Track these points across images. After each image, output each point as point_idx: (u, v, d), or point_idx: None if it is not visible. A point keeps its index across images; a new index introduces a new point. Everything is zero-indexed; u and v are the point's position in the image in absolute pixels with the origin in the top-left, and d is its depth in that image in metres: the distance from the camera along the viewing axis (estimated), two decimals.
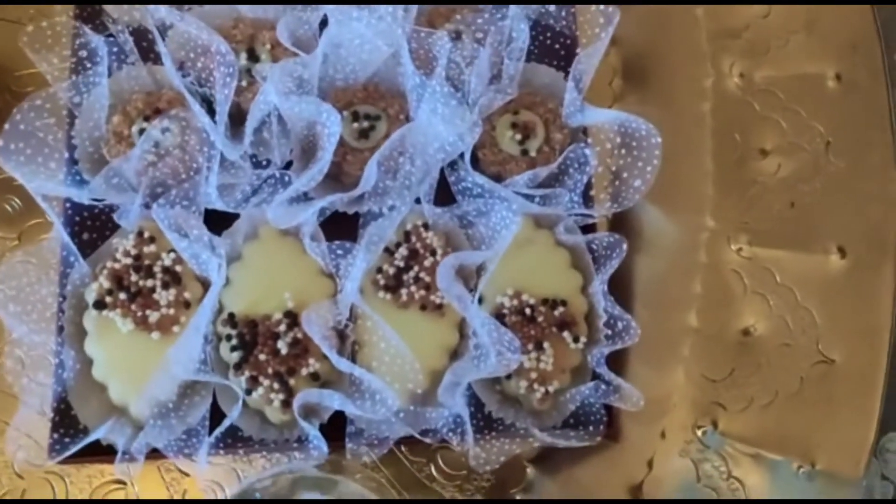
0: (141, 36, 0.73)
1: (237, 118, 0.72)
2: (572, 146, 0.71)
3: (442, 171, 0.71)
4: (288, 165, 0.72)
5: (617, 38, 0.78)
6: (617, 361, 0.70)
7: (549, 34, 0.76)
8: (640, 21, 0.81)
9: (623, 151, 0.71)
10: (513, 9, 0.71)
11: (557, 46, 0.76)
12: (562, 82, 0.75)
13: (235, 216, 0.70)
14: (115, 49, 0.71)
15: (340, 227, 0.71)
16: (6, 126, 0.65)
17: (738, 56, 0.81)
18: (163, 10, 0.70)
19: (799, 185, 0.78)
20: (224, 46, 0.68)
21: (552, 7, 0.75)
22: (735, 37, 0.81)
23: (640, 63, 0.81)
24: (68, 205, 0.70)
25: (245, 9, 0.72)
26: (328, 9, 0.71)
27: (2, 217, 0.74)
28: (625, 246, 0.68)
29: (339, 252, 0.68)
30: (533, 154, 0.72)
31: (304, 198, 0.70)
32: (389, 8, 0.70)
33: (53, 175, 0.67)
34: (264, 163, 0.72)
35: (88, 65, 0.69)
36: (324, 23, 0.72)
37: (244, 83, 0.71)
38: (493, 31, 0.71)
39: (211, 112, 0.71)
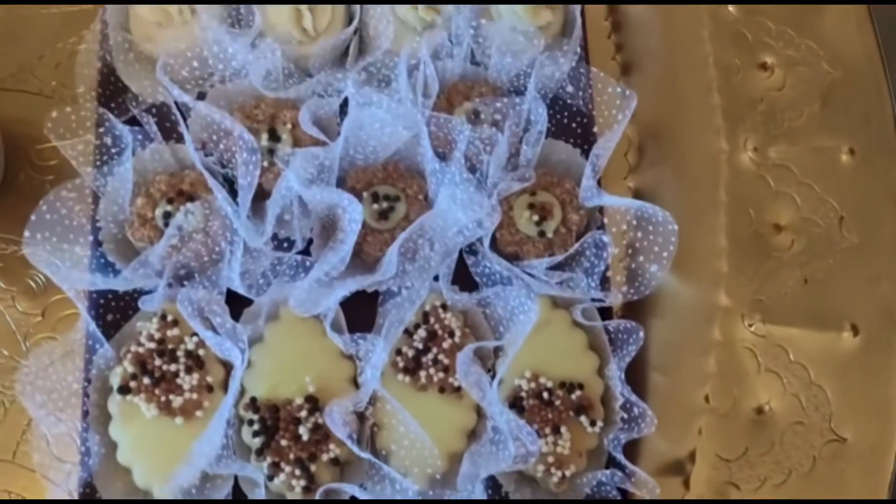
0: (164, 115, 0.74)
1: (258, 194, 0.73)
2: (590, 234, 0.71)
3: (460, 251, 0.72)
4: (308, 241, 0.73)
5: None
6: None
7: (565, 112, 0.77)
8: (654, 93, 0.82)
9: (639, 234, 0.72)
10: (531, 92, 0.72)
11: (574, 125, 0.77)
12: (578, 159, 0.76)
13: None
14: (137, 129, 0.71)
15: (359, 303, 0.72)
16: (32, 217, 0.66)
17: (752, 130, 0.81)
18: (185, 97, 0.70)
19: (813, 261, 0.79)
20: (247, 135, 0.69)
21: (570, 87, 0.76)
22: (750, 110, 0.82)
23: (655, 136, 0.81)
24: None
25: (266, 90, 0.72)
26: (349, 92, 0.71)
27: (26, 292, 0.75)
28: (642, 334, 0.69)
29: (360, 337, 0.69)
30: (550, 235, 0.73)
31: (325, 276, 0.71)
32: (409, 92, 0.71)
33: (79, 261, 0.68)
34: (285, 244, 0.73)
35: (113, 150, 0.70)
36: (344, 103, 0.73)
37: (265, 164, 0.72)
38: (511, 115, 0.72)
39: (233, 192, 0.72)
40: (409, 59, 0.73)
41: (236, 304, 0.71)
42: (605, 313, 0.74)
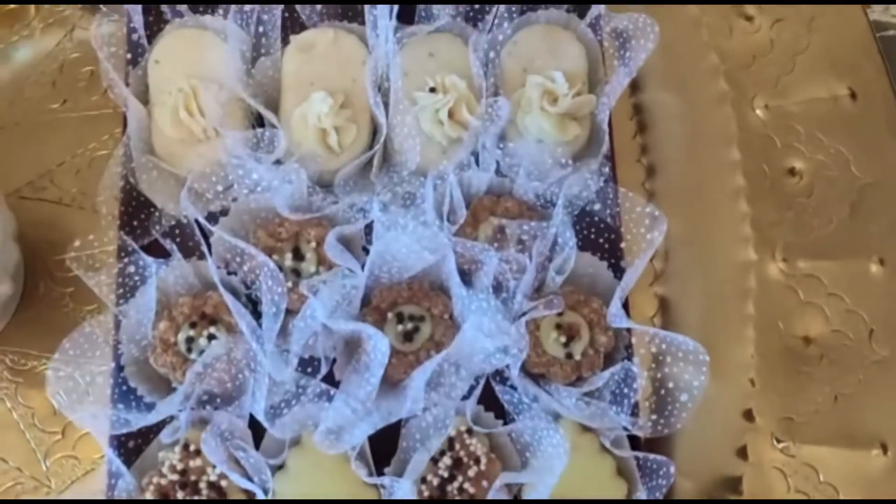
0: (187, 233, 0.73)
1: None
2: (619, 366, 0.70)
3: (487, 377, 0.71)
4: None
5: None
6: None
7: (592, 228, 0.76)
8: (681, 198, 0.81)
9: (669, 359, 0.71)
10: (558, 216, 0.71)
11: (602, 240, 0.76)
12: (605, 272, 0.75)
13: None
14: (161, 260, 0.70)
15: None
16: (56, 356, 0.65)
17: (780, 239, 0.80)
18: (208, 224, 0.70)
19: (843, 376, 0.77)
20: (271, 264, 0.68)
21: (597, 204, 0.74)
22: (778, 218, 0.81)
23: (683, 243, 0.80)
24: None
25: (291, 214, 0.71)
26: (375, 215, 0.71)
27: (45, 409, 0.74)
28: (672, 469, 0.68)
29: (386, 478, 0.68)
30: (577, 357, 0.72)
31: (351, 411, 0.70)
32: (435, 216, 0.70)
33: (101, 394, 0.68)
34: (308, 366, 0.72)
35: (136, 278, 0.69)
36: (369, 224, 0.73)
37: (290, 284, 0.71)
38: (538, 239, 0.71)
39: (256, 314, 0.71)
40: (436, 180, 0.72)
41: (259, 424, 0.70)
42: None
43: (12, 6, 0.82)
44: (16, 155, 0.79)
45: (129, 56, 0.75)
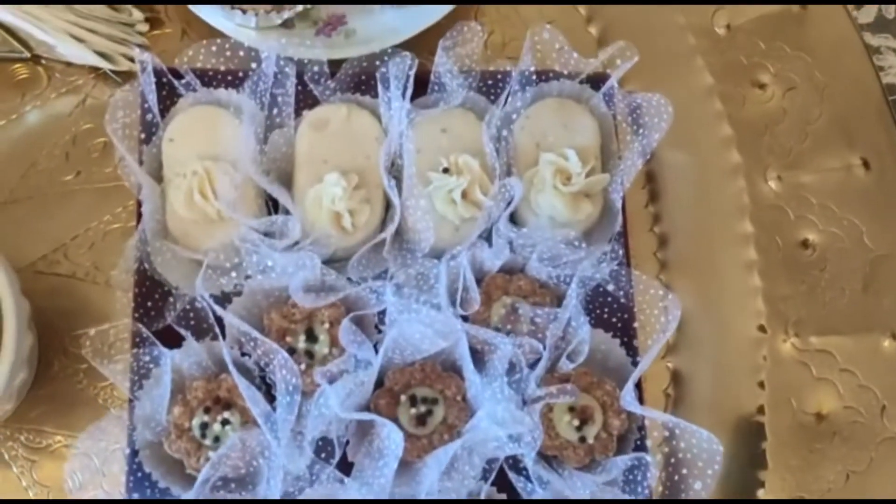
0: (200, 317, 0.73)
1: None
2: (633, 456, 0.70)
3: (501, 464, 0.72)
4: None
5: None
6: None
7: (605, 308, 0.76)
8: (692, 270, 0.81)
9: (682, 444, 0.71)
10: (572, 303, 0.71)
11: (615, 319, 0.76)
12: (617, 350, 0.75)
13: None
14: (176, 350, 0.70)
15: None
16: (72, 455, 0.66)
17: (793, 313, 0.80)
18: (221, 311, 0.70)
19: (855, 453, 0.78)
20: (283, 354, 0.68)
21: (611, 285, 0.74)
22: (791, 293, 0.81)
23: (693, 315, 0.80)
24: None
25: (304, 302, 0.71)
26: (389, 301, 0.71)
27: (61, 490, 0.74)
28: None
29: None
30: (591, 441, 0.72)
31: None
32: (449, 304, 0.71)
33: (115, 477, 0.68)
34: (322, 455, 0.72)
35: (150, 365, 0.69)
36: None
37: (303, 366, 0.71)
38: (552, 328, 0.71)
39: (270, 396, 0.71)
40: (449, 262, 0.72)
41: None
42: None
43: (25, 74, 0.82)
44: (29, 229, 0.79)
45: (142, 135, 0.75)
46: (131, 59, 0.81)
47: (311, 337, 0.72)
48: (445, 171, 0.75)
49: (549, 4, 0.88)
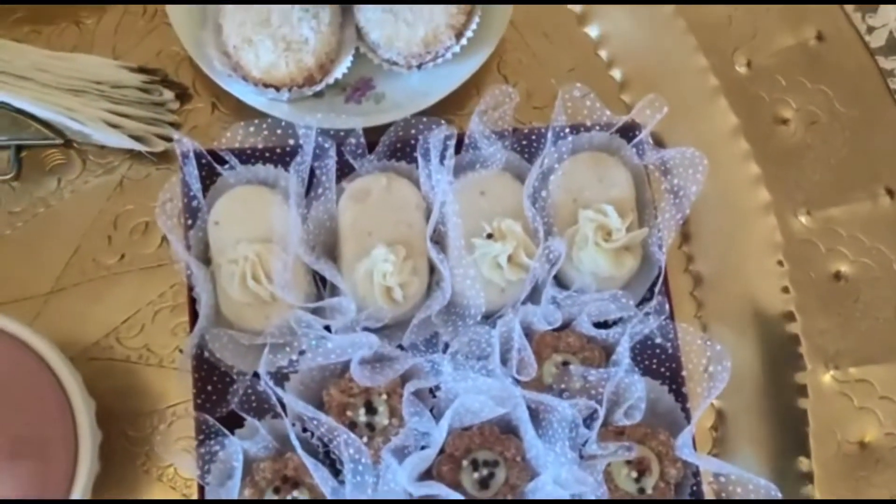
0: (261, 397, 0.74)
1: None
2: (691, 501, 0.73)
3: None
4: None
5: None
6: None
7: (654, 359, 0.77)
8: (728, 308, 0.83)
9: (739, 490, 0.73)
10: (624, 364, 0.73)
11: (663, 369, 0.77)
12: (666, 397, 0.77)
13: None
14: (247, 443, 0.72)
15: None
16: None
17: (831, 347, 0.83)
18: (280, 391, 0.71)
19: None
20: (350, 436, 0.70)
21: (658, 338, 0.76)
22: (826, 325, 0.83)
23: (734, 358, 0.81)
24: None
25: (363, 380, 0.72)
26: (445, 371, 0.72)
27: None
28: None
29: None
30: (649, 491, 0.74)
31: None
32: (502, 370, 0.72)
33: None
34: None
35: (220, 454, 0.71)
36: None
37: (365, 439, 0.73)
38: (608, 388, 0.73)
39: (336, 470, 0.73)
40: (501, 328, 0.74)
41: None
42: None
43: (60, 160, 0.82)
44: (79, 316, 0.79)
45: (188, 221, 0.76)
46: (165, 139, 0.82)
47: (371, 409, 0.74)
48: (489, 236, 0.76)
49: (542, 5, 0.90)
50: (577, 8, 0.90)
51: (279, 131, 0.78)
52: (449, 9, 0.81)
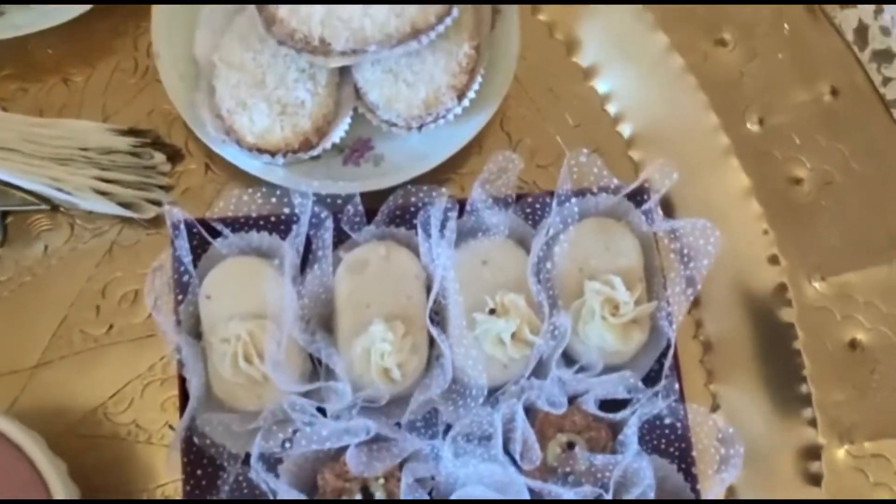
0: (252, 484, 0.71)
1: None
2: None
3: None
4: None
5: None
6: None
7: (663, 439, 0.74)
8: (742, 387, 0.80)
9: None
10: (633, 448, 0.70)
11: (672, 449, 0.74)
12: (675, 476, 0.74)
13: None
14: None
15: None
16: None
17: (846, 420, 0.79)
18: (272, 481, 0.68)
19: None
20: None
21: (667, 418, 0.73)
22: (843, 402, 0.80)
23: (747, 430, 0.79)
24: None
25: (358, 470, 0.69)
26: (446, 458, 0.69)
27: None
28: None
29: None
30: None
31: None
32: (505, 458, 0.69)
33: None
34: None
35: None
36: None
37: None
38: (615, 475, 0.70)
39: None
40: (504, 410, 0.71)
41: None
42: None
43: (47, 226, 0.79)
44: (65, 391, 0.76)
45: (179, 296, 0.73)
46: (157, 203, 0.79)
47: (367, 494, 0.71)
48: (492, 311, 0.73)
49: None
50: (583, 62, 0.87)
51: (274, 200, 0.75)
52: (451, 68, 0.78)
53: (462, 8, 0.78)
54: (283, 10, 0.75)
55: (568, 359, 0.76)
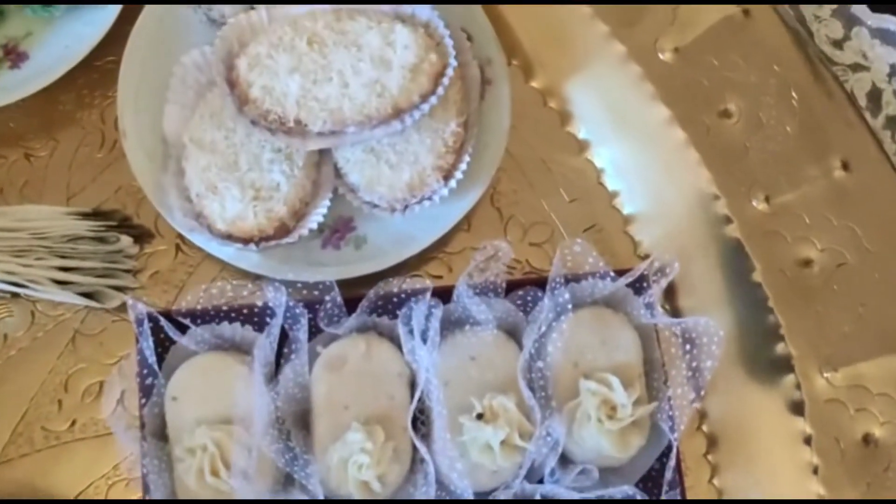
0: None
1: None
2: None
3: None
4: None
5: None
6: None
7: None
8: (749, 484, 0.75)
9: None
10: None
11: None
12: None
13: None
14: None
15: None
16: None
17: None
18: None
19: None
20: None
21: None
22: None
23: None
24: None
25: None
26: None
27: None
28: None
29: None
30: None
31: None
32: None
33: None
34: None
35: None
36: None
37: None
38: None
39: None
40: None
41: None
42: None
43: (5, 314, 0.74)
44: (27, 491, 0.71)
45: (143, 399, 0.68)
46: (122, 289, 0.74)
47: None
48: (479, 416, 0.68)
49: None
50: (579, 133, 0.82)
51: (245, 293, 0.70)
52: (436, 148, 0.73)
53: (448, 82, 0.73)
54: (255, 90, 0.70)
55: (562, 457, 0.71)
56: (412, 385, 0.70)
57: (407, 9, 0.74)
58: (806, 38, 0.84)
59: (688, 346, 0.71)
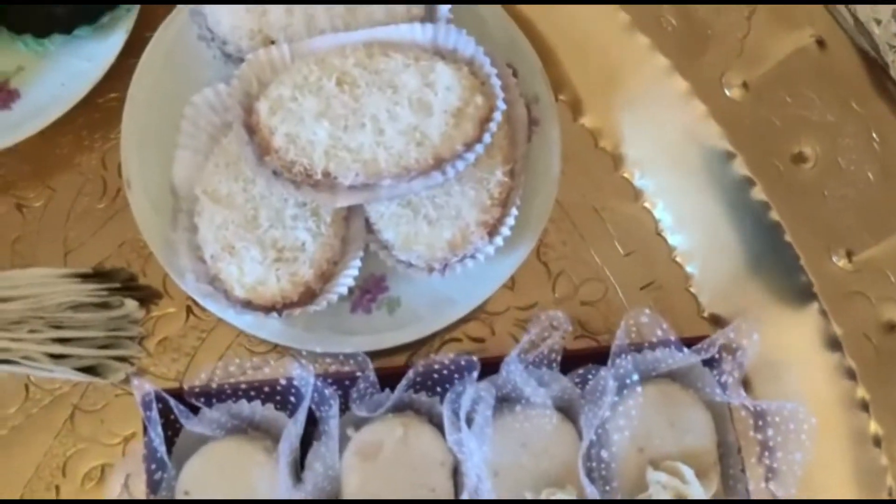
0: None
1: None
2: None
3: None
4: None
5: None
6: None
7: None
8: None
9: None
10: None
11: None
12: None
13: None
14: None
15: None
16: None
17: None
18: None
19: None
20: None
21: None
22: None
23: None
24: None
25: None
26: None
27: None
28: None
29: None
30: None
31: None
32: None
33: None
34: None
35: None
36: None
37: None
38: None
39: None
40: None
41: None
42: None
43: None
44: None
45: (150, 494, 0.60)
46: (126, 360, 0.66)
47: None
48: None
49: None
50: (634, 178, 0.73)
51: (267, 370, 0.62)
52: (480, 201, 0.65)
53: (496, 128, 0.64)
54: (278, 138, 0.62)
55: None
56: (455, 473, 0.62)
57: (448, 44, 0.66)
58: (883, 69, 0.76)
59: (759, 423, 0.64)
